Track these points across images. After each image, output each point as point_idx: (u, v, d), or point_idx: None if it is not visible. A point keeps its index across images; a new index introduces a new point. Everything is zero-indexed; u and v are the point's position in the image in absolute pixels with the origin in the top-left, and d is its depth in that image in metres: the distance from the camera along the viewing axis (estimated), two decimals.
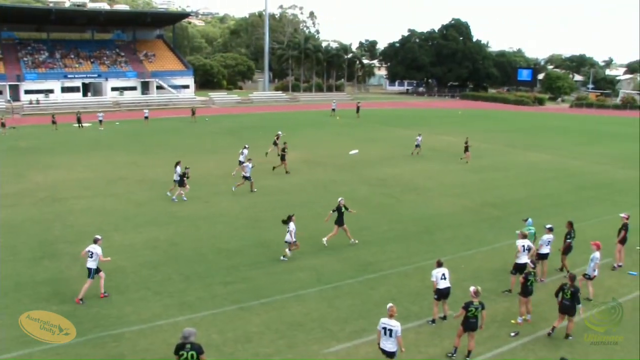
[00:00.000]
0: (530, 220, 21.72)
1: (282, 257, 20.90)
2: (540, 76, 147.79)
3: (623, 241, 21.20)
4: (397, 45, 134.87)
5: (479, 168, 40.02)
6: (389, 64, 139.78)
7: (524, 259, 17.90)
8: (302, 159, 41.08)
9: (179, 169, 29.56)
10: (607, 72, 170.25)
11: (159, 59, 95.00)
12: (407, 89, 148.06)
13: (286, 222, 21.00)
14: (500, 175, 37.69)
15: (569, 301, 15.43)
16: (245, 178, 31.15)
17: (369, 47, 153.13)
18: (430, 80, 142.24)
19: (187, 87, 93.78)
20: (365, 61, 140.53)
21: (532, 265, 16.57)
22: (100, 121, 59.31)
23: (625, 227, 21.26)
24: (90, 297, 17.25)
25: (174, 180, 29.78)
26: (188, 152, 43.55)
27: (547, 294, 18.25)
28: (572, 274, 16.13)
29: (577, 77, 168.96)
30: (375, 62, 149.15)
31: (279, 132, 45.26)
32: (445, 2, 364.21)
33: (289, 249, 21.09)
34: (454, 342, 14.78)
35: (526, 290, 16.23)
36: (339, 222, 22.72)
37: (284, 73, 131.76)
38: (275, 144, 42.50)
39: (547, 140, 56.97)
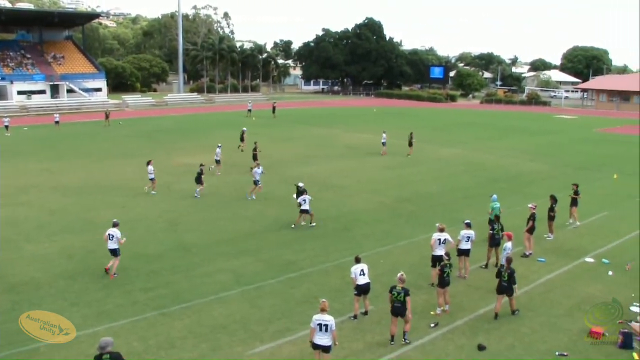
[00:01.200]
0: (494, 196, 25.09)
1: (311, 224, 25.21)
2: (452, 74, 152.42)
3: (531, 230, 22.28)
4: (312, 44, 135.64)
5: (395, 164, 40.96)
6: (304, 63, 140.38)
7: (439, 251, 18.45)
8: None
9: (150, 167, 31.33)
10: (513, 69, 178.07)
11: (68, 61, 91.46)
12: (323, 88, 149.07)
13: (299, 195, 24.71)
14: (415, 171, 38.70)
15: (506, 282, 16.61)
16: (255, 182, 30.74)
17: (284, 47, 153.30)
18: (345, 79, 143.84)
19: (99, 90, 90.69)
20: (280, 61, 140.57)
21: (447, 257, 17.11)
22: (7, 127, 56.52)
23: (533, 217, 22.35)
24: (2, 312, 16.51)
25: (150, 179, 31.39)
26: (103, 156, 42.35)
27: (464, 285, 18.95)
28: (509, 257, 17.24)
29: (487, 75, 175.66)
30: (290, 61, 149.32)
31: (244, 129, 48.03)
32: (359, 2, 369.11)
33: (309, 217, 25.04)
34: (390, 330, 15.21)
35: (443, 282, 16.75)
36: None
37: (198, 74, 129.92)
38: (242, 139, 46.11)
39: (459, 135, 58.93)
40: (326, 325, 13.07)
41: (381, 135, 46.84)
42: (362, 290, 16.48)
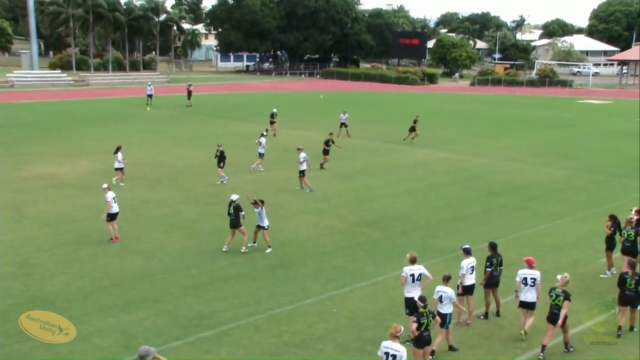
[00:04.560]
0: None
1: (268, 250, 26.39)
2: (431, 44, 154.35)
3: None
4: (231, 2, 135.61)
5: (351, 173, 41.30)
6: (219, 30, 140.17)
7: (414, 291, 18.52)
8: (96, 170, 40.22)
9: (120, 155, 36.17)
10: (519, 36, 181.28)
11: None
12: (247, 66, 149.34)
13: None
14: (380, 182, 39.12)
15: (633, 291, 19.13)
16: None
17: (192, 6, 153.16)
18: (279, 53, 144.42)
19: None
20: (186, 26, 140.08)
21: (422, 304, 16.86)
22: None
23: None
24: None
25: (115, 169, 36.59)
26: None
27: (454, 342, 19.00)
28: (632, 261, 19.62)
29: (480, 44, 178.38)
30: (201, 27, 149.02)
31: (274, 110, 57.40)
32: None
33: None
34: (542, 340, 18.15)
35: (421, 340, 16.42)
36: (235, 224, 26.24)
37: (63, 43, 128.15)
38: (271, 123, 55.30)
39: (442, 131, 59.82)
40: (394, 356, 14.29)
41: (340, 117, 55.27)
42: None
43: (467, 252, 20.25)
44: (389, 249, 27.14)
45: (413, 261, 19.11)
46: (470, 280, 19.94)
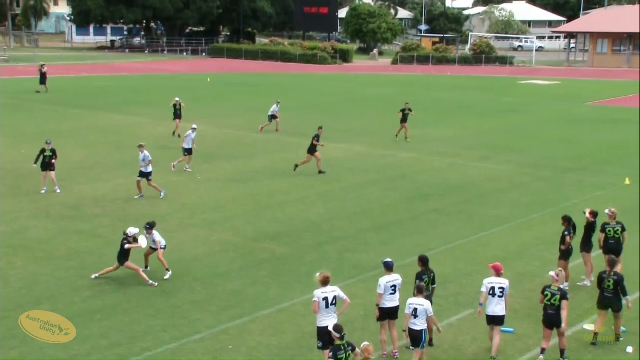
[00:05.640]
0: None
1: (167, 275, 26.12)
2: (343, 13, 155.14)
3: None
4: None
5: (248, 175, 41.36)
6: None
7: (328, 319, 18.40)
8: None
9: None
10: (449, 3, 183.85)
11: None
12: (113, 41, 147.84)
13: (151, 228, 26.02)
14: (285, 185, 39.33)
15: (611, 293, 20.46)
16: None
17: None
18: (153, 25, 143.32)
19: None
20: None
21: (338, 335, 16.80)
22: None
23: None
24: None
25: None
26: None
27: None
28: (611, 257, 21.12)
29: (403, 14, 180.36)
30: None
31: (177, 98, 54.44)
32: None
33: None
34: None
35: None
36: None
37: None
38: (177, 116, 53.25)
39: (359, 120, 60.42)
40: None
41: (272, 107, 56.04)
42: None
43: (389, 268, 20.22)
44: (297, 267, 27.17)
45: (325, 282, 18.90)
46: (391, 302, 19.93)
